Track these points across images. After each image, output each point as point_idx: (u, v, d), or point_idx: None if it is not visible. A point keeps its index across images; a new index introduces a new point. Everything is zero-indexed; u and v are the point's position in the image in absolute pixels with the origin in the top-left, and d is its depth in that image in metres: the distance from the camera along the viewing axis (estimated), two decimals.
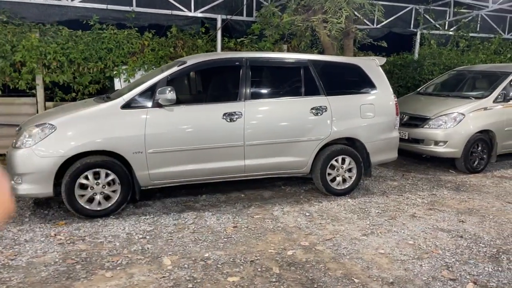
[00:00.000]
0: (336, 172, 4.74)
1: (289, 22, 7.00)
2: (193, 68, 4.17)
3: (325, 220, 4.03)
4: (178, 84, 4.14)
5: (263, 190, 4.94)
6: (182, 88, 4.19)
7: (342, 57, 5.11)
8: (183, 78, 4.16)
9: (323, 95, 4.60)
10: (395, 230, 3.81)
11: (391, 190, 5.13)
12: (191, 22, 7.39)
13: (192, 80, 4.30)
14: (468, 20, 9.92)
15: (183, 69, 4.11)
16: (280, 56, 4.70)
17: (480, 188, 5.32)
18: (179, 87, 4.16)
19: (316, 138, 4.53)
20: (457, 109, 6.01)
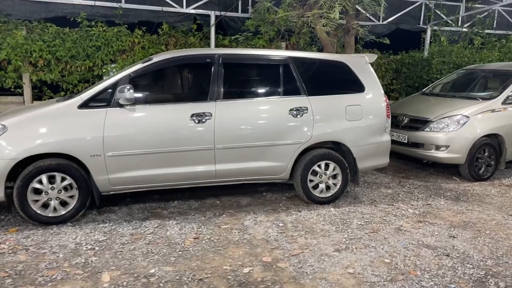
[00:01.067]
0: (319, 179, 4.37)
1: (283, 18, 6.65)
2: (159, 65, 3.88)
3: (298, 232, 3.68)
4: (142, 82, 3.88)
5: (242, 196, 4.62)
6: (147, 86, 3.91)
7: (327, 54, 4.73)
8: (148, 76, 3.88)
9: (304, 95, 4.24)
10: (373, 246, 3.42)
11: (382, 198, 4.72)
12: (183, 19, 7.14)
13: (159, 79, 4.02)
14: (484, 16, 9.31)
15: (148, 66, 3.83)
16: (257, 53, 4.36)
17: (483, 198, 4.84)
18: (144, 85, 3.89)
19: (295, 141, 4.18)
20: (461, 111, 5.52)
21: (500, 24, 9.65)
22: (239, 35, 7.27)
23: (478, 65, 7.28)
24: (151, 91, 3.97)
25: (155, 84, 4.01)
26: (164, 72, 4.04)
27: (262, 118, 4.10)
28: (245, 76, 4.29)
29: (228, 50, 4.38)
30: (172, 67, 4.02)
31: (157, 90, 4.01)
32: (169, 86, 4.15)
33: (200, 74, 4.22)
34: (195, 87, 4.25)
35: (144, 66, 3.82)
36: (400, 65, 8.75)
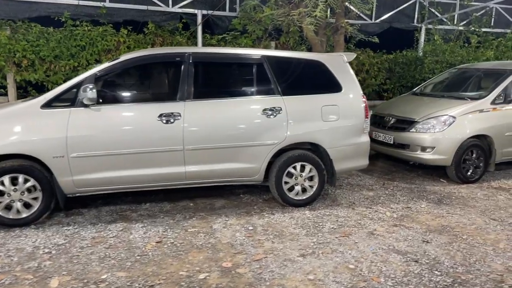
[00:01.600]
0: (295, 181, 4.26)
1: (269, 17, 6.55)
2: (126, 64, 3.80)
3: (267, 236, 3.57)
4: (109, 81, 3.79)
5: (217, 198, 4.53)
6: (113, 86, 3.82)
7: (303, 53, 4.61)
8: (115, 75, 3.79)
9: (278, 95, 4.13)
10: (341, 251, 3.30)
11: (362, 201, 4.59)
12: (169, 18, 7.06)
13: (126, 78, 3.94)
14: (481, 14, 9.11)
15: (115, 65, 3.75)
16: (230, 52, 4.26)
17: (467, 201, 4.68)
18: (110, 85, 3.80)
19: (268, 142, 4.07)
20: (447, 111, 5.37)
21: (498, 22, 9.44)
22: (226, 34, 7.17)
23: (470, 64, 7.10)
24: (117, 90, 3.89)
25: (122, 83, 3.93)
26: (132, 71, 3.96)
27: (234, 118, 4.00)
28: (217, 75, 4.19)
29: (199, 49, 4.31)
30: (140, 66, 3.92)
31: (124, 90, 3.93)
32: (137, 86, 4.07)
33: (170, 74, 4.13)
34: (164, 86, 4.16)
35: (110, 65, 3.74)
36: (394, 64, 8.58)
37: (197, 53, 3.99)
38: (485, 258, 3.23)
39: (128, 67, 3.85)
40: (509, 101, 5.55)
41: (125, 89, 3.93)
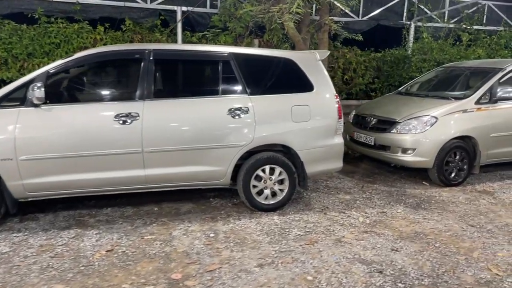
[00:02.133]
0: (263, 184, 4.07)
1: (249, 14, 6.34)
2: (81, 61, 3.60)
3: (227, 243, 3.37)
4: (62, 80, 3.60)
5: (185, 202, 4.33)
6: (67, 84, 3.64)
7: (273, 51, 4.40)
8: (69, 73, 3.61)
9: (245, 94, 3.94)
10: (302, 260, 3.10)
11: (336, 205, 4.39)
12: (147, 15, 6.85)
13: (81, 76, 3.75)
14: (472, 11, 8.88)
15: (68, 62, 3.56)
16: (193, 48, 4.07)
17: (447, 205, 4.48)
18: (63, 83, 3.62)
19: (234, 144, 3.87)
20: (429, 112, 5.16)
21: (490, 20, 9.20)
22: (207, 32, 6.97)
23: (457, 62, 6.89)
24: (71, 89, 3.70)
25: (76, 81, 3.74)
26: (88, 69, 3.76)
27: (197, 119, 3.80)
28: (180, 73, 4.01)
29: (160, 45, 4.12)
30: (96, 64, 3.73)
31: (78, 88, 3.74)
32: (93, 84, 3.88)
33: (128, 72, 3.95)
34: (121, 85, 3.97)
35: (64, 62, 3.55)
36: (382, 63, 8.35)
37: (158, 50, 3.79)
38: (456, 269, 3.03)
39: (82, 65, 3.66)
40: (495, 101, 5.33)
41: (79, 87, 3.75)
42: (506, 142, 5.36)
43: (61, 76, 3.58)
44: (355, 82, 8.24)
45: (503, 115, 5.33)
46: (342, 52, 8.13)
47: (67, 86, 3.67)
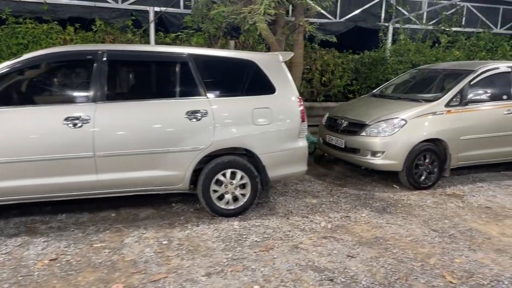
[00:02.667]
0: (224, 189, 3.97)
1: (221, 14, 6.25)
2: (29, 62, 3.48)
3: (179, 251, 3.27)
4: (8, 82, 3.46)
5: (145, 208, 4.22)
6: (13, 87, 3.50)
7: (234, 52, 4.32)
8: (17, 75, 3.47)
9: (204, 97, 3.84)
10: (253, 268, 3.01)
11: (301, 210, 4.31)
12: (119, 15, 6.75)
13: (30, 78, 3.62)
14: (451, 13, 8.88)
15: (16, 64, 3.43)
16: (150, 49, 3.97)
17: (414, 209, 4.41)
18: (10, 85, 3.47)
19: (192, 148, 3.77)
20: (398, 114, 5.10)
21: (469, 22, 9.22)
22: (181, 33, 6.87)
23: (431, 64, 6.85)
24: (19, 91, 3.57)
25: (24, 84, 3.60)
26: (37, 71, 3.63)
27: (153, 122, 3.69)
28: (134, 75, 3.90)
29: (114, 46, 4.01)
30: (46, 65, 3.59)
31: (27, 91, 3.61)
32: (42, 86, 3.74)
33: (80, 73, 3.82)
34: (72, 87, 3.83)
35: (11, 64, 3.43)
36: (360, 65, 8.32)
37: (111, 51, 3.68)
38: (409, 276, 2.96)
39: (32, 66, 3.53)
40: (465, 103, 5.28)
41: (28, 90, 3.61)
42: (477, 145, 5.32)
43: (9, 78, 3.44)
44: (333, 84, 8.19)
45: (473, 117, 5.29)
46: (319, 53, 8.08)
47: (16, 88, 3.54)
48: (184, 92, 3.84)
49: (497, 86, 5.60)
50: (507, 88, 5.59)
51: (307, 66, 7.81)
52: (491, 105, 5.43)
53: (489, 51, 8.94)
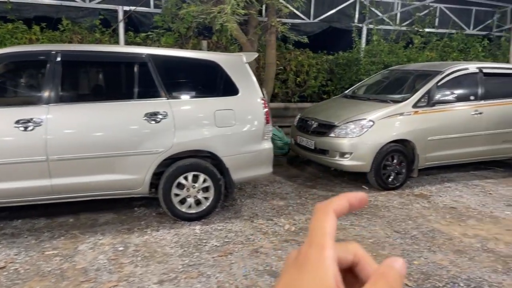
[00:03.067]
0: (186, 192, 3.89)
1: (191, 14, 6.16)
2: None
3: (134, 257, 3.18)
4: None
5: (106, 212, 4.11)
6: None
7: (196, 52, 4.24)
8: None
9: (164, 98, 3.75)
10: (208, 274, 2.94)
11: (267, 212, 4.26)
12: (86, 14, 6.59)
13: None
14: (424, 14, 8.96)
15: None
16: (107, 49, 3.86)
17: (379, 210, 4.41)
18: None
19: (152, 151, 3.68)
20: (366, 115, 5.10)
21: (442, 23, 9.32)
22: (151, 32, 6.75)
23: (401, 65, 6.89)
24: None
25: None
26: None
27: (110, 124, 3.59)
28: (91, 76, 3.80)
29: (69, 46, 3.89)
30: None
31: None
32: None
33: (32, 74, 3.70)
34: (24, 89, 3.72)
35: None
36: (335, 65, 8.32)
37: (66, 51, 3.56)
38: None
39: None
40: (433, 104, 5.31)
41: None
42: (444, 145, 5.36)
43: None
44: (308, 84, 8.18)
45: (441, 118, 5.32)
46: (294, 54, 8.05)
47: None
48: (143, 94, 3.74)
49: (465, 87, 5.65)
50: (474, 89, 5.65)
51: (281, 66, 7.77)
52: (458, 106, 5.48)
53: (462, 52, 9.05)
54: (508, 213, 4.41)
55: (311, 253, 0.36)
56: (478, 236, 3.76)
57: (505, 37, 9.64)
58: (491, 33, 9.66)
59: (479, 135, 5.55)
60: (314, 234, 0.38)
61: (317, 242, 0.37)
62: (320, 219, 0.39)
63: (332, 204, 0.40)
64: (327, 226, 0.38)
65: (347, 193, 0.42)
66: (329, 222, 0.38)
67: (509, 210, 4.48)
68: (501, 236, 3.78)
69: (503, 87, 5.89)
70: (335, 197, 0.41)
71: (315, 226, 0.38)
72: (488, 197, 4.95)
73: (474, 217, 4.27)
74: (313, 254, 0.36)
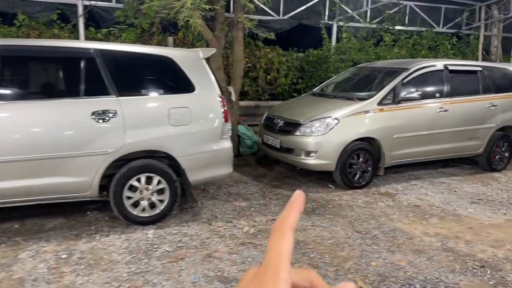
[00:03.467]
0: (139, 195, 3.69)
1: (152, 9, 5.94)
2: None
3: (77, 266, 2.98)
4: None
5: (55, 217, 3.88)
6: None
7: (149, 47, 4.05)
8: None
9: (113, 96, 3.54)
10: (155, 282, 2.77)
11: (227, 214, 4.11)
12: (44, 9, 6.28)
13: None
14: (394, 12, 8.96)
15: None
16: (51, 44, 3.63)
17: (343, 209, 4.32)
18: None
19: (100, 151, 3.47)
20: (331, 113, 5.00)
21: (412, 20, 9.34)
22: (113, 28, 6.49)
23: (369, 63, 6.85)
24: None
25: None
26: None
27: (53, 124, 3.37)
28: (33, 72, 3.57)
29: (7, 41, 3.65)
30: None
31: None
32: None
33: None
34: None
35: None
36: (306, 63, 8.22)
37: (5, 46, 3.32)
38: None
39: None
40: (398, 102, 5.25)
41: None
42: (410, 143, 5.32)
43: None
44: (279, 82, 8.05)
45: (406, 115, 5.28)
46: (264, 51, 7.91)
47: None
48: (90, 91, 3.53)
49: (431, 84, 5.63)
50: (440, 86, 5.63)
51: (250, 64, 7.62)
52: (424, 103, 5.45)
53: (431, 49, 9.10)
54: (471, 210, 4.39)
55: (267, 275, 0.37)
56: (439, 235, 3.70)
57: (474, 35, 9.75)
58: (460, 31, 9.74)
59: (444, 133, 5.54)
60: (271, 257, 0.38)
61: (273, 265, 0.38)
62: (277, 240, 0.40)
63: (288, 222, 0.41)
64: (284, 249, 0.39)
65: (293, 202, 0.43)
66: (286, 243, 0.39)
67: (472, 208, 4.46)
68: (462, 234, 3.74)
69: (469, 84, 5.90)
70: (287, 212, 0.42)
71: (272, 248, 0.39)
72: (453, 194, 4.94)
73: (437, 215, 4.23)
74: (268, 276, 0.37)
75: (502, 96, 6.00)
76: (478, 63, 6.65)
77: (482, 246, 3.49)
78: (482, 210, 4.38)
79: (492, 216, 4.22)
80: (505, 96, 6.03)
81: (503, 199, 4.77)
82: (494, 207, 4.50)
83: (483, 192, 5.04)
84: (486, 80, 5.96)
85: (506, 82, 6.22)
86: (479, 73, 5.96)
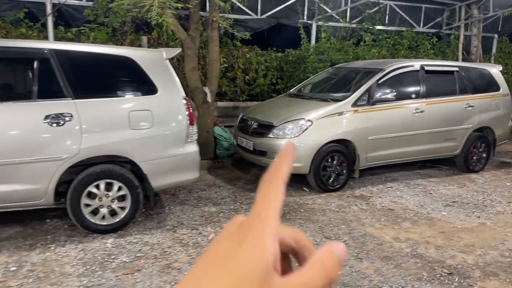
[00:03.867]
0: (99, 202, 3.52)
1: (122, 7, 5.75)
2: None
3: (26, 279, 2.80)
4: None
5: (11, 225, 3.69)
6: None
7: (108, 47, 3.88)
8: None
9: (69, 98, 3.36)
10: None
11: (194, 220, 3.96)
12: (11, 7, 6.04)
13: None
14: (374, 11, 8.90)
15: None
16: (1, 44, 3.43)
17: (315, 213, 4.20)
18: None
19: (54, 157, 3.29)
20: (304, 115, 4.89)
21: (392, 20, 9.29)
22: (83, 27, 6.28)
23: (346, 63, 6.75)
24: None
25: None
26: None
27: (4, 128, 3.18)
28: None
29: None
30: None
31: None
32: None
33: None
34: None
35: None
36: (285, 63, 8.11)
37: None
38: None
39: None
40: (373, 103, 5.15)
41: None
42: (386, 144, 5.23)
43: None
44: (257, 82, 7.92)
45: (381, 117, 5.19)
46: (242, 51, 7.77)
47: None
48: (43, 94, 3.35)
49: (406, 84, 5.56)
50: (416, 87, 5.56)
51: (228, 64, 7.48)
52: (400, 104, 5.36)
53: (411, 49, 9.06)
54: (444, 213, 4.31)
55: (253, 226, 0.34)
56: (409, 240, 3.61)
57: (454, 35, 9.75)
58: (441, 30, 9.73)
59: (421, 134, 5.47)
60: (260, 208, 0.35)
61: (262, 216, 0.35)
62: (267, 191, 0.36)
63: (279, 173, 0.38)
64: (274, 200, 0.36)
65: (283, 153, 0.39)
66: (276, 195, 0.36)
67: (446, 211, 4.38)
68: (433, 239, 3.65)
69: (445, 85, 5.85)
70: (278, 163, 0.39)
71: (262, 199, 0.36)
72: (428, 197, 4.86)
73: (410, 219, 4.14)
74: (255, 227, 0.34)
75: (479, 97, 5.96)
76: (455, 63, 6.60)
77: (452, 251, 3.40)
78: (456, 213, 4.31)
79: (465, 219, 4.15)
80: (482, 97, 6.00)
81: (478, 201, 4.71)
82: (468, 210, 4.43)
83: (459, 194, 4.98)
84: (463, 81, 5.91)
85: (483, 83, 6.19)
86: (456, 73, 5.91)
